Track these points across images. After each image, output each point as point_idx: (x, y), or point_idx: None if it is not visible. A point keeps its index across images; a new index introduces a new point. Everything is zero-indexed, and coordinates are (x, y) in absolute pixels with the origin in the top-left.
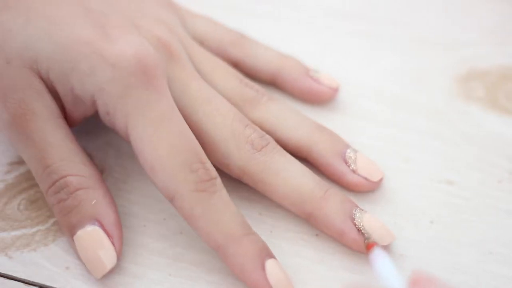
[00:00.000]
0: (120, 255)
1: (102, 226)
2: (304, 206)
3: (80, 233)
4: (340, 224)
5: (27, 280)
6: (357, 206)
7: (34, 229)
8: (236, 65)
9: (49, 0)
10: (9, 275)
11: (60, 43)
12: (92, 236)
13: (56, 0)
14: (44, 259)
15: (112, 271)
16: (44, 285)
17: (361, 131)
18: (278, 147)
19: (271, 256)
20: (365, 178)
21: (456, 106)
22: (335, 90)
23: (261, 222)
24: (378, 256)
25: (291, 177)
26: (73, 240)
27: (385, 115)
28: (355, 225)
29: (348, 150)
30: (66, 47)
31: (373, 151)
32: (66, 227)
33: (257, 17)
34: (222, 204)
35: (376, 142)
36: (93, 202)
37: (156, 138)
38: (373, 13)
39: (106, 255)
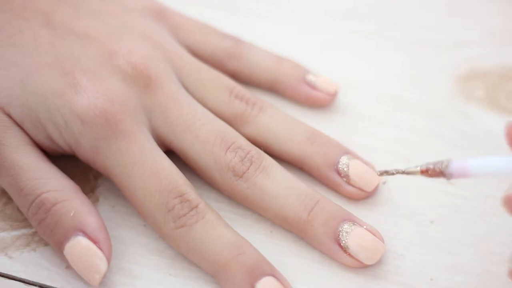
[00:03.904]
0: (110, 258)
1: (85, 235)
2: (291, 228)
3: (67, 247)
4: (325, 247)
5: (27, 280)
6: (344, 220)
7: (34, 229)
8: (233, 76)
9: (21, 48)
10: (9, 275)
11: (34, 94)
12: (78, 247)
13: (28, 48)
14: (44, 259)
15: (112, 271)
16: (44, 285)
17: (361, 131)
18: (263, 164)
19: (263, 273)
20: (360, 189)
21: (456, 106)
22: (333, 95)
23: (261, 222)
24: None
25: (274, 200)
26: (64, 255)
27: (385, 115)
28: (340, 246)
29: (341, 161)
30: (40, 98)
31: (374, 151)
32: (54, 244)
33: (258, 17)
34: (205, 232)
35: (377, 142)
36: (72, 214)
37: (131, 184)
38: (374, 13)
39: (96, 261)
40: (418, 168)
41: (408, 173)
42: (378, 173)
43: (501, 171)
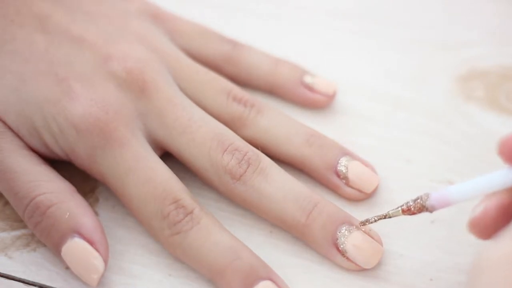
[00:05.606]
0: (107, 258)
1: (81, 236)
2: (290, 230)
3: (64, 248)
4: (324, 250)
5: (27, 280)
6: (343, 223)
7: None
8: (232, 80)
9: (15, 55)
10: (9, 275)
11: (29, 102)
12: (74, 249)
13: (22, 55)
14: (44, 259)
15: (112, 271)
16: (44, 285)
17: (361, 131)
18: (260, 166)
19: (259, 278)
20: (359, 190)
21: (456, 106)
22: (331, 96)
23: (261, 222)
24: None
25: (272, 203)
26: (61, 257)
27: (385, 115)
28: (338, 250)
29: (340, 163)
30: (35, 106)
31: (373, 151)
32: (51, 247)
33: (258, 17)
34: (200, 238)
35: (376, 142)
36: (67, 216)
37: (127, 192)
38: (374, 13)
39: (93, 262)
40: (399, 209)
41: (390, 216)
42: (360, 224)
43: (481, 192)
